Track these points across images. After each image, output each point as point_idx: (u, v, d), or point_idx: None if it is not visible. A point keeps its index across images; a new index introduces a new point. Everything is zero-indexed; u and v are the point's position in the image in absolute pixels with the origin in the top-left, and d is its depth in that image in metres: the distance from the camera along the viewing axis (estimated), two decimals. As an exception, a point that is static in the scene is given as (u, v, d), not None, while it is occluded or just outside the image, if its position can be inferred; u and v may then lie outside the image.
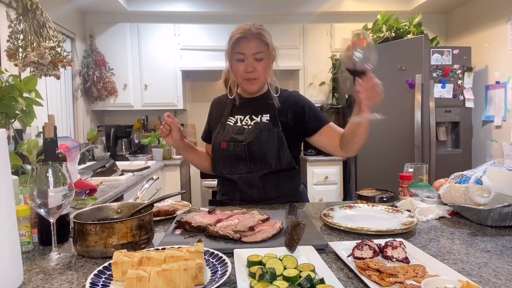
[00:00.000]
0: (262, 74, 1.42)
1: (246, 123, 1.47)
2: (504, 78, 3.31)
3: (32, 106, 1.24)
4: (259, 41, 1.38)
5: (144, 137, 3.80)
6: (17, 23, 1.77)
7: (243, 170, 1.44)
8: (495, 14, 3.42)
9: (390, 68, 3.26)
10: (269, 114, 1.46)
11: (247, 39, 1.37)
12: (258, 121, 1.46)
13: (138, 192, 1.42)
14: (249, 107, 1.51)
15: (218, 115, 1.57)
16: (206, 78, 4.05)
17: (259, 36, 1.38)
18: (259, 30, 1.40)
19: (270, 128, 1.43)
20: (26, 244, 0.95)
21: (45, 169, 0.87)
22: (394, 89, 3.24)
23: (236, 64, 1.41)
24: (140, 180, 2.60)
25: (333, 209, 1.22)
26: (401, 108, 3.21)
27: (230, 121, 1.51)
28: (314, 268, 0.76)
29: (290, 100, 1.50)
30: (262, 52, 1.39)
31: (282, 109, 1.47)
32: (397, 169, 1.43)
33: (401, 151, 3.21)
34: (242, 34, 1.38)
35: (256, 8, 3.93)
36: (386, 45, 3.36)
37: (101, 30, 3.76)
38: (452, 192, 1.24)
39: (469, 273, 0.76)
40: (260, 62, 1.40)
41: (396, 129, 3.26)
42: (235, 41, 1.38)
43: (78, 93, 3.61)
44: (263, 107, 1.49)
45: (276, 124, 1.44)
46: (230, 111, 1.53)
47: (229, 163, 1.46)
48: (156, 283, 0.67)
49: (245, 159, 1.43)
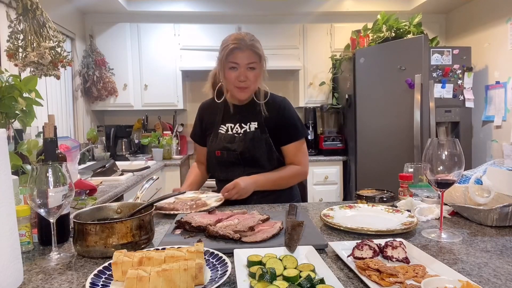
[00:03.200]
0: (253, 83, 1.50)
1: (237, 131, 1.58)
2: (504, 78, 3.31)
3: (32, 106, 1.24)
4: (252, 52, 1.46)
5: (144, 137, 3.80)
6: (17, 23, 1.77)
7: (240, 174, 1.53)
8: (495, 14, 3.42)
9: (390, 68, 3.26)
10: (257, 121, 1.57)
11: (241, 49, 1.45)
12: (247, 129, 1.57)
13: (138, 192, 1.42)
14: (238, 114, 1.60)
15: (210, 121, 1.66)
16: (206, 78, 4.01)
17: (252, 47, 1.46)
18: (252, 42, 1.47)
19: (258, 135, 1.54)
20: (26, 244, 0.95)
21: (45, 169, 0.87)
22: (394, 89, 3.24)
23: (229, 72, 1.49)
24: (140, 180, 2.60)
25: (333, 209, 1.22)
26: (401, 108, 3.21)
27: (222, 129, 1.60)
28: (314, 268, 0.76)
29: (276, 108, 1.59)
30: (255, 62, 1.47)
31: (268, 116, 1.57)
32: (397, 169, 1.43)
33: (401, 151, 3.21)
34: (237, 45, 1.44)
35: (256, 8, 3.93)
36: (386, 45, 3.37)
37: (101, 30, 3.76)
38: (452, 192, 1.25)
39: (469, 273, 0.76)
40: (252, 71, 1.48)
41: (396, 129, 3.26)
42: (230, 51, 1.45)
43: (78, 93, 3.61)
44: (251, 115, 1.59)
45: (264, 131, 1.56)
46: (221, 119, 1.62)
47: (226, 168, 1.58)
48: (156, 283, 0.67)
49: (240, 164, 1.56)
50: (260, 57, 1.49)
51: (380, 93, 3.34)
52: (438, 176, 0.98)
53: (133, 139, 3.87)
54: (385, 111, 3.32)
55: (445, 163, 0.97)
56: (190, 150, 4.22)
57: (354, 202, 1.33)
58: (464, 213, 1.17)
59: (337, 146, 3.74)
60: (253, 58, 1.46)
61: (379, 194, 1.33)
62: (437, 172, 0.98)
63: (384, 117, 3.32)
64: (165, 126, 4.06)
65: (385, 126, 3.32)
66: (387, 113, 3.31)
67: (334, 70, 3.94)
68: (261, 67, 1.51)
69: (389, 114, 3.29)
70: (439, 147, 0.98)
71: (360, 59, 3.47)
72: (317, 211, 1.29)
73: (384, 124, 3.33)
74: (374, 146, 3.39)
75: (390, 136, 3.30)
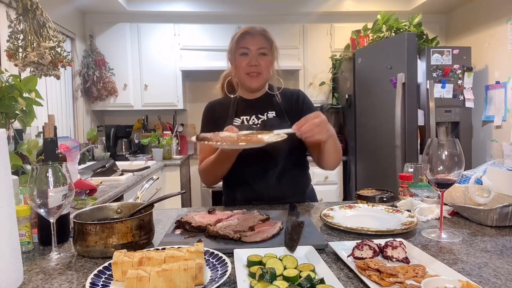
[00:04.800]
0: (265, 69, 1.43)
1: (253, 122, 1.46)
2: (504, 78, 3.31)
3: (32, 106, 1.24)
4: (263, 37, 1.42)
5: (144, 137, 3.80)
6: (17, 23, 1.77)
7: (256, 171, 1.41)
8: (495, 14, 3.42)
9: (382, 67, 3.25)
10: (274, 111, 1.47)
11: (252, 34, 1.41)
12: (265, 118, 1.46)
13: (138, 192, 1.42)
14: (252, 107, 1.49)
15: (223, 114, 1.50)
16: (206, 78, 4.04)
17: (263, 32, 1.42)
18: (263, 28, 1.44)
19: (280, 123, 1.40)
20: (26, 244, 0.95)
21: (45, 169, 0.87)
22: (391, 88, 3.24)
23: (240, 58, 1.42)
24: (140, 180, 2.60)
25: (333, 209, 1.22)
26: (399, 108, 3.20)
27: (236, 121, 1.47)
28: (314, 268, 0.76)
29: (293, 97, 1.51)
30: (266, 48, 1.42)
31: (286, 106, 1.47)
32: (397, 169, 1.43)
33: (401, 151, 3.21)
34: (248, 29, 1.41)
35: (256, 8, 3.93)
36: (378, 44, 3.36)
37: (101, 30, 3.76)
38: (452, 192, 1.25)
39: (469, 273, 0.76)
40: (264, 57, 1.42)
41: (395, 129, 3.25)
42: (240, 36, 1.41)
43: (78, 93, 3.61)
44: (267, 105, 1.49)
45: (284, 119, 1.44)
46: (234, 114, 1.49)
47: (240, 163, 1.36)
48: (156, 283, 0.67)
49: (258, 157, 1.37)
50: (272, 44, 1.43)
51: (378, 93, 3.34)
52: (438, 176, 0.98)
53: (133, 139, 3.88)
54: (384, 110, 3.32)
55: (445, 163, 0.97)
56: (190, 150, 4.22)
57: (354, 202, 1.33)
58: (464, 213, 1.17)
59: (337, 146, 3.74)
60: (264, 43, 1.41)
61: (379, 194, 1.33)
62: (437, 172, 0.98)
63: (384, 117, 3.32)
64: (165, 126, 4.06)
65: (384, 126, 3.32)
66: (386, 112, 3.31)
67: (334, 70, 3.94)
68: (273, 54, 1.44)
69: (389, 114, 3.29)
70: (439, 147, 0.98)
71: (358, 59, 3.47)
72: (317, 211, 1.29)
73: (384, 124, 3.33)
74: (374, 146, 3.38)
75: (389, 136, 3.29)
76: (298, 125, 1.12)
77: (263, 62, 1.42)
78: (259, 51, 1.41)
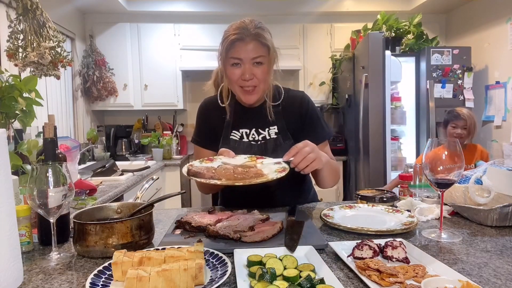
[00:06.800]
0: (262, 81, 1.23)
1: (253, 138, 1.32)
2: (504, 78, 3.31)
3: (32, 106, 1.24)
4: (258, 43, 1.19)
5: (144, 137, 3.80)
6: (17, 23, 1.77)
7: (257, 192, 1.26)
8: (495, 14, 3.42)
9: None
10: (276, 125, 1.32)
11: (244, 41, 1.18)
12: (267, 136, 1.31)
13: (138, 192, 1.42)
14: (252, 118, 1.33)
15: (218, 121, 1.36)
16: (206, 78, 3.98)
17: (257, 37, 1.19)
18: (257, 30, 1.19)
19: (281, 143, 1.28)
20: (26, 244, 0.95)
21: (45, 169, 0.87)
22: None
23: (231, 69, 1.22)
24: (140, 180, 2.60)
25: (333, 209, 1.22)
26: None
27: (235, 135, 1.33)
28: (314, 268, 0.76)
29: (296, 103, 1.35)
30: (262, 55, 1.20)
31: (289, 115, 1.32)
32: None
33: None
34: (238, 35, 1.17)
35: (256, 8, 3.93)
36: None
37: (101, 30, 3.76)
38: (452, 192, 1.25)
39: (469, 273, 0.76)
40: (259, 67, 1.21)
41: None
42: (230, 44, 1.19)
43: (78, 93, 3.61)
44: (268, 117, 1.31)
45: (286, 136, 1.30)
46: (232, 122, 1.34)
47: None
48: (156, 283, 0.67)
49: None
50: (269, 49, 1.21)
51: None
52: (438, 176, 0.98)
53: (133, 139, 3.88)
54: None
55: (445, 163, 0.97)
56: (190, 150, 4.22)
57: (354, 202, 1.33)
58: (464, 213, 1.17)
59: (337, 146, 3.74)
60: (259, 51, 1.18)
61: (379, 194, 1.33)
62: (437, 172, 0.98)
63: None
64: (165, 126, 4.06)
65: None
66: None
67: (334, 70, 3.94)
68: (270, 61, 1.23)
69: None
70: (439, 147, 0.98)
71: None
72: (317, 211, 1.29)
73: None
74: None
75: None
76: (289, 155, 1.06)
77: (259, 73, 1.20)
78: (254, 60, 1.19)
